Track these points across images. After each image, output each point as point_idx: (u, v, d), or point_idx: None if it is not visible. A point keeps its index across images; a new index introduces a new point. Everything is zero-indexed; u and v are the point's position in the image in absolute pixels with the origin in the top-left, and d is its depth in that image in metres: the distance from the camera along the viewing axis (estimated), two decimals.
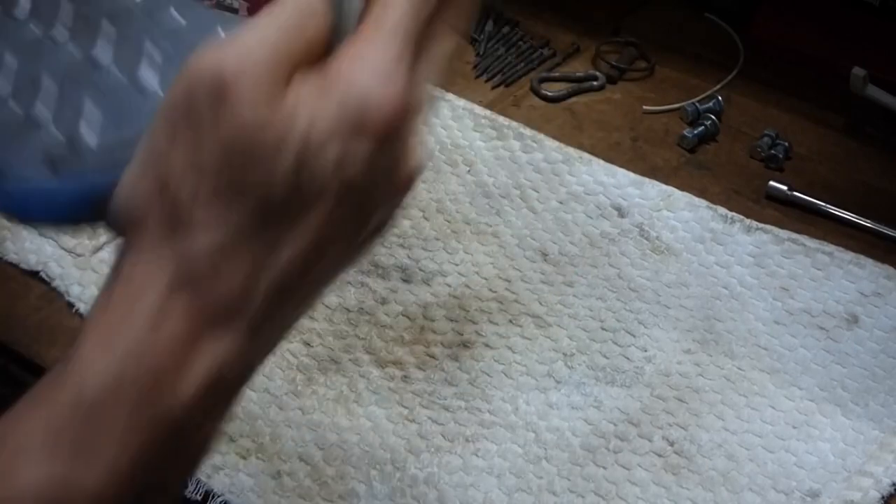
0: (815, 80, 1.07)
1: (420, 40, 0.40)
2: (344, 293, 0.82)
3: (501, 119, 1.00)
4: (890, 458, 0.73)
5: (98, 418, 0.39)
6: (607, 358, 0.79)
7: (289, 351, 0.78)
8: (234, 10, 0.99)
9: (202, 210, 0.38)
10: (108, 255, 0.82)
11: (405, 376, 0.77)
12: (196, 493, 0.70)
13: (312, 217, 0.39)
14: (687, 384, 0.77)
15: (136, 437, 0.39)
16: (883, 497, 0.71)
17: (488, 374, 0.77)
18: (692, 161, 0.98)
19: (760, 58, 1.10)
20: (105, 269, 0.82)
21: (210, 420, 0.42)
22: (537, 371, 0.78)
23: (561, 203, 0.91)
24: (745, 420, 0.75)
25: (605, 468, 0.72)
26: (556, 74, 1.08)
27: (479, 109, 1.01)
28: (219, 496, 0.69)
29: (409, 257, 0.86)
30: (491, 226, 0.89)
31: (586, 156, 0.96)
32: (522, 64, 1.08)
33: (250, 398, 0.74)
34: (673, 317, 0.82)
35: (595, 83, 1.06)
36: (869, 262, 0.87)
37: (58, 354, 0.77)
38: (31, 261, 0.83)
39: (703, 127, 1.00)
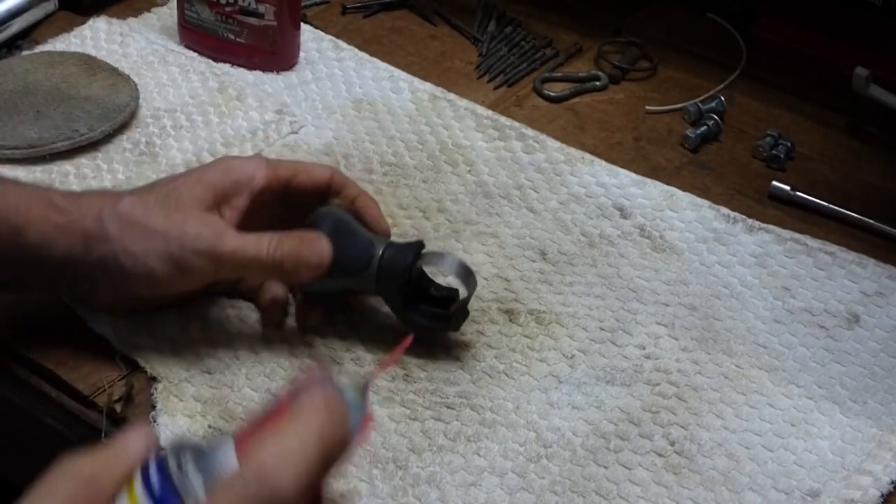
0: (818, 80, 1.07)
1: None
2: None
3: (504, 119, 1.00)
4: (888, 456, 0.73)
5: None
6: (606, 357, 0.79)
7: (290, 352, 0.78)
8: (260, 15, 0.99)
9: None
10: None
11: (407, 375, 0.77)
12: None
13: None
14: (686, 382, 0.77)
15: None
16: (882, 495, 0.70)
17: (489, 375, 0.77)
18: (695, 161, 0.98)
19: (763, 58, 1.10)
20: None
21: None
22: (538, 370, 0.78)
23: (561, 203, 0.92)
24: (744, 418, 0.75)
25: (606, 468, 0.72)
26: (559, 74, 1.08)
27: (481, 109, 1.01)
28: None
29: None
30: (490, 226, 0.89)
31: (588, 156, 0.96)
32: (525, 64, 1.08)
33: (252, 398, 0.75)
34: (671, 314, 0.82)
35: (597, 83, 1.07)
36: (871, 262, 0.87)
37: (59, 355, 0.77)
38: None
39: (705, 127, 1.00)
